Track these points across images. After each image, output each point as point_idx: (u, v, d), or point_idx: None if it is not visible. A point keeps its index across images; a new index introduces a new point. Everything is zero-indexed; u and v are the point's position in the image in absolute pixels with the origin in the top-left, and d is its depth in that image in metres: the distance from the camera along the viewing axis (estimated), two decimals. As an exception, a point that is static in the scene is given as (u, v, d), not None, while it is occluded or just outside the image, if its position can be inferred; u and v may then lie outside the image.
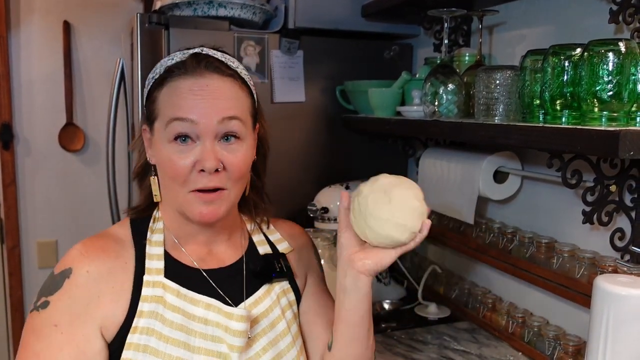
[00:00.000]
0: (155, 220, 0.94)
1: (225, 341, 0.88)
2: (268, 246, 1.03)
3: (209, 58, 0.89)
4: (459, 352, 1.42)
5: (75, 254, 0.87)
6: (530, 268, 1.36)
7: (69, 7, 2.43)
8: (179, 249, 0.94)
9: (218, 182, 0.86)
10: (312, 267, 1.09)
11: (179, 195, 0.88)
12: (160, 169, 0.90)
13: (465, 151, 1.53)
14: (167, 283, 0.88)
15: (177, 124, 0.85)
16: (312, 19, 1.76)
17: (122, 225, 0.95)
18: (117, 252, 0.89)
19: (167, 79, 0.88)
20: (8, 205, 2.41)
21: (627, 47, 0.88)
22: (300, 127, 1.84)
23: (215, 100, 0.86)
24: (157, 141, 0.89)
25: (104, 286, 0.85)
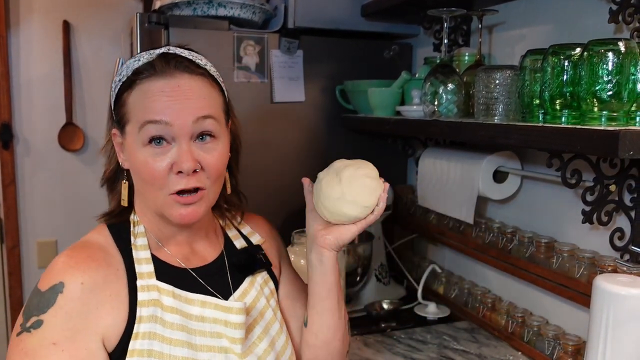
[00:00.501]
0: (135, 224, 0.93)
1: (225, 335, 0.89)
2: (242, 240, 1.05)
3: (178, 57, 0.88)
4: (458, 351, 1.42)
5: (63, 267, 0.83)
6: (529, 268, 1.36)
7: (69, 6, 2.43)
8: (162, 250, 0.93)
9: (196, 182, 0.86)
10: (283, 254, 1.13)
11: (157, 198, 0.87)
12: (135, 173, 0.89)
13: (464, 151, 1.53)
14: (160, 285, 0.88)
15: (150, 127, 0.83)
16: (311, 19, 1.76)
17: (100, 233, 0.92)
18: (107, 260, 0.87)
19: (137, 82, 0.86)
20: (8, 205, 2.41)
21: (626, 47, 0.88)
22: (299, 127, 1.84)
23: (188, 100, 0.85)
24: (130, 145, 0.87)
25: (101, 296, 0.83)
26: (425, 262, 1.84)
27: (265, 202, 1.80)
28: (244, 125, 1.04)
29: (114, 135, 0.92)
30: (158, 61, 0.87)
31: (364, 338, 1.49)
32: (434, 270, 1.74)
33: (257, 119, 1.76)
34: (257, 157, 1.77)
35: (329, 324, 1.00)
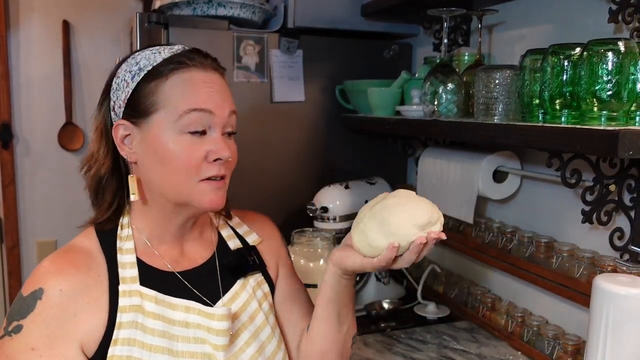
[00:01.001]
0: (123, 227, 0.92)
1: (208, 341, 0.88)
2: (237, 240, 1.03)
3: (209, 55, 0.92)
4: (458, 351, 1.42)
5: (44, 272, 0.84)
6: (529, 267, 1.36)
7: (69, 6, 2.43)
8: (151, 253, 0.92)
9: (225, 170, 0.89)
10: (282, 255, 1.10)
11: (185, 186, 0.86)
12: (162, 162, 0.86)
13: (464, 151, 1.53)
14: (143, 291, 0.87)
15: (194, 115, 0.85)
16: (311, 19, 1.76)
17: (87, 236, 0.92)
18: (88, 265, 0.86)
19: (174, 70, 0.86)
20: (7, 205, 2.41)
21: (626, 47, 0.88)
22: (299, 126, 1.84)
23: (223, 92, 0.90)
24: (157, 134, 0.86)
25: (80, 302, 0.83)
26: (424, 261, 1.84)
27: (265, 202, 1.80)
28: (243, 125, 1.04)
29: (116, 127, 0.89)
30: (195, 55, 0.90)
31: (364, 338, 1.49)
32: (433, 270, 1.74)
33: (256, 118, 1.76)
34: (257, 157, 1.77)
35: (326, 334, 0.98)
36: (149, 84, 0.87)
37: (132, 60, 0.91)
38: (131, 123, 0.88)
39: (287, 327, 1.05)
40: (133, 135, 0.88)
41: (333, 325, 0.98)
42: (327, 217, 1.66)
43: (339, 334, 0.99)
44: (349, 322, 1.00)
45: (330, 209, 1.65)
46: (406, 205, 0.87)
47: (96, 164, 0.95)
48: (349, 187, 1.71)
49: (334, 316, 0.97)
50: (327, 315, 0.97)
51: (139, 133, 0.88)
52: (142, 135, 0.87)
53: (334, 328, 0.98)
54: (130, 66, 0.90)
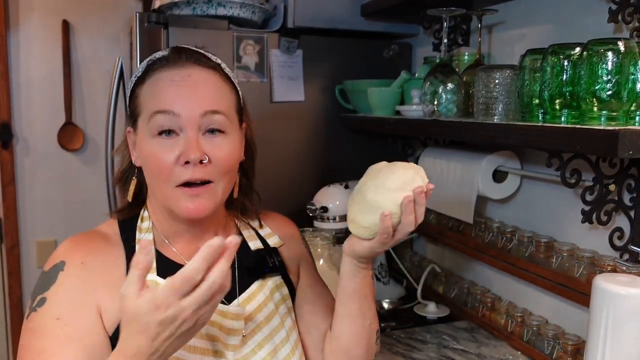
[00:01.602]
0: (143, 220, 0.93)
1: (220, 339, 0.87)
2: (259, 241, 1.02)
3: (190, 50, 0.90)
4: (458, 351, 1.42)
5: (65, 248, 0.86)
6: (529, 267, 1.36)
7: (68, 6, 2.43)
8: (168, 247, 0.92)
9: (203, 174, 0.84)
10: (304, 258, 1.09)
11: (164, 192, 0.85)
12: (145, 166, 0.88)
13: (464, 150, 1.53)
14: (159, 281, 0.86)
15: (159, 117, 0.83)
16: (311, 18, 1.76)
17: (109, 225, 0.93)
18: (107, 248, 0.88)
19: (149, 73, 0.87)
20: (7, 205, 2.41)
21: (626, 47, 0.88)
22: (299, 126, 1.84)
23: (197, 91, 0.85)
24: (141, 139, 0.87)
25: (99, 279, 0.84)
26: (424, 261, 1.84)
27: (265, 202, 1.79)
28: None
29: (128, 134, 0.92)
30: (171, 53, 0.88)
31: (364, 338, 1.49)
32: (433, 269, 1.74)
33: (256, 118, 1.74)
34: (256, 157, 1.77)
35: (350, 330, 0.97)
36: (135, 89, 0.89)
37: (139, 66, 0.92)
38: (133, 130, 0.90)
39: (310, 330, 1.03)
40: (135, 141, 0.90)
41: (356, 320, 0.96)
42: (326, 217, 1.66)
43: (363, 328, 0.97)
44: (371, 316, 0.99)
45: (330, 209, 1.65)
46: (377, 177, 0.88)
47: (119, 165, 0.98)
48: (348, 187, 1.71)
49: (356, 310, 0.95)
50: (348, 311, 0.96)
51: (135, 138, 0.90)
52: (137, 139, 0.89)
53: (357, 323, 0.96)
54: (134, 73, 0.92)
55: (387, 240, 0.87)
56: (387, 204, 0.85)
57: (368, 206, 0.86)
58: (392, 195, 0.85)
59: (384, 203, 0.85)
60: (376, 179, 0.88)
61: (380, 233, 0.86)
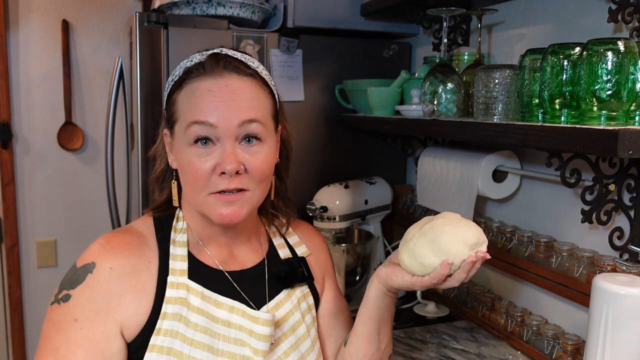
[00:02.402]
0: (179, 220, 0.93)
1: (249, 344, 0.87)
2: (287, 249, 1.03)
3: (228, 58, 0.88)
4: (458, 351, 1.42)
5: (99, 249, 0.85)
6: (529, 267, 1.36)
7: (68, 6, 2.43)
8: (202, 250, 0.93)
9: (239, 183, 0.85)
10: (328, 270, 1.10)
11: (199, 198, 0.86)
12: (181, 172, 0.89)
13: (464, 150, 1.53)
14: (190, 285, 0.87)
15: (195, 128, 0.83)
16: (311, 18, 1.76)
17: (145, 223, 0.93)
18: (141, 250, 0.88)
19: (186, 80, 0.87)
20: (7, 205, 2.41)
21: (626, 47, 0.88)
22: (299, 126, 1.84)
23: (234, 102, 0.84)
24: (177, 145, 0.88)
25: (127, 284, 0.84)
26: (424, 261, 1.84)
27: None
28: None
29: (165, 135, 0.92)
30: (208, 61, 0.87)
31: (364, 337, 1.49)
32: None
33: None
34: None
35: (365, 351, 0.99)
36: (172, 94, 0.89)
37: (177, 67, 0.91)
38: (169, 133, 0.91)
39: (328, 342, 1.05)
40: (172, 143, 0.91)
41: (373, 343, 0.98)
42: (326, 217, 1.66)
43: (378, 352, 0.99)
44: (387, 341, 1.01)
45: (329, 209, 1.65)
46: (457, 226, 0.88)
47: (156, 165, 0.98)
48: (348, 186, 1.71)
49: (374, 333, 0.97)
50: (367, 333, 0.98)
51: (173, 142, 0.90)
52: (174, 144, 0.90)
53: (373, 345, 0.98)
54: (172, 73, 0.91)
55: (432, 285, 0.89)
56: (454, 255, 0.86)
57: (438, 248, 0.87)
58: (463, 249, 0.86)
59: (455, 253, 0.86)
60: (457, 227, 0.88)
61: (432, 277, 0.87)
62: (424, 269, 0.88)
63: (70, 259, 2.53)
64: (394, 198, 1.88)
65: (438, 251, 0.86)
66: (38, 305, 2.50)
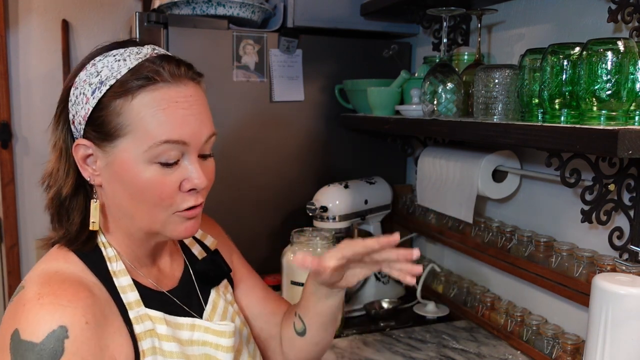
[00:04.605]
0: (106, 247, 0.82)
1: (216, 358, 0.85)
2: (198, 245, 1.00)
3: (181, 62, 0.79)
4: (457, 350, 1.42)
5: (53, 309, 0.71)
6: (529, 267, 1.36)
7: (68, 5, 2.43)
8: (137, 274, 0.85)
9: (201, 198, 0.81)
10: (234, 251, 1.09)
11: (159, 218, 0.79)
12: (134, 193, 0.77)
13: (464, 150, 1.53)
14: (151, 314, 0.81)
15: (167, 147, 0.75)
16: (311, 18, 1.76)
17: (69, 261, 0.80)
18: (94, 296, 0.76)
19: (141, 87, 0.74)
20: (7, 204, 2.41)
21: (625, 46, 0.88)
22: (299, 126, 1.84)
23: (200, 114, 0.78)
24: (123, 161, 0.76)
25: (107, 332, 0.75)
26: (424, 261, 1.84)
27: (264, 201, 1.80)
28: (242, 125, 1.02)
29: (77, 147, 0.80)
30: (166, 63, 0.76)
31: (363, 337, 1.49)
32: (433, 269, 1.74)
33: (256, 118, 1.76)
34: (256, 157, 1.77)
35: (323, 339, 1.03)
36: (112, 101, 0.75)
37: (91, 69, 0.77)
38: (94, 144, 0.78)
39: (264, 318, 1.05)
40: (96, 156, 0.79)
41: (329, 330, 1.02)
42: (326, 217, 1.66)
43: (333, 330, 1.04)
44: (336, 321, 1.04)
45: (329, 209, 1.65)
46: None
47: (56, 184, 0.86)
48: (348, 186, 1.71)
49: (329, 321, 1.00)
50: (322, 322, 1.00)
51: (103, 156, 0.78)
52: (107, 159, 0.78)
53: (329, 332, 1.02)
54: (89, 76, 0.77)
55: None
56: None
57: None
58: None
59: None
60: None
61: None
62: None
63: (70, 259, 2.53)
64: (394, 198, 1.88)
65: None
66: (38, 305, 2.50)
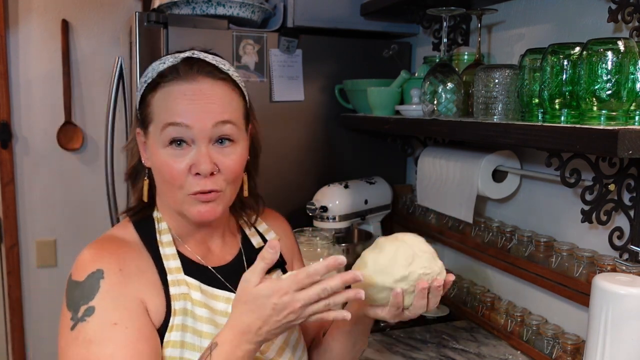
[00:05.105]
0: (159, 221, 0.95)
1: None
2: (259, 237, 1.07)
3: (201, 62, 0.91)
4: (457, 350, 1.42)
5: (96, 256, 0.85)
6: (529, 267, 1.36)
7: (68, 5, 2.43)
8: (183, 247, 0.95)
9: (213, 184, 0.88)
10: (296, 253, 1.15)
11: (176, 197, 0.89)
12: (156, 172, 0.92)
13: (464, 150, 1.53)
14: (188, 280, 0.90)
15: (171, 129, 0.86)
16: (311, 18, 1.76)
17: (125, 229, 0.94)
18: (134, 254, 0.89)
19: (161, 84, 0.89)
20: (7, 204, 2.41)
21: (625, 46, 0.88)
22: (299, 126, 1.84)
23: (208, 104, 0.87)
24: (152, 145, 0.90)
25: (139, 284, 0.86)
26: (424, 261, 1.84)
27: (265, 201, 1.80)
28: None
29: (138, 134, 0.95)
30: (182, 65, 0.89)
31: (363, 337, 1.49)
32: (433, 269, 1.74)
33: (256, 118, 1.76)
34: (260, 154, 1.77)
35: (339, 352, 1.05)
36: (146, 96, 0.91)
37: (148, 68, 0.94)
38: (143, 132, 0.93)
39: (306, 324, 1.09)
40: (146, 142, 0.93)
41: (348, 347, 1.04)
42: (326, 217, 1.66)
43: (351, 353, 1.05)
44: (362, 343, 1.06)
45: (329, 209, 1.65)
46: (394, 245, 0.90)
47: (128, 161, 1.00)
48: (348, 186, 1.71)
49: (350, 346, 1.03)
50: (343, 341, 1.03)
51: (147, 141, 0.92)
52: (148, 143, 0.92)
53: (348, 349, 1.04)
54: (144, 74, 0.94)
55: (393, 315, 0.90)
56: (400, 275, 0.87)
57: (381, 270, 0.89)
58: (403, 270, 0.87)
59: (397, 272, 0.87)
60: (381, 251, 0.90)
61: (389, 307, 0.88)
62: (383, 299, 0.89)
63: (70, 259, 2.52)
64: (394, 198, 1.88)
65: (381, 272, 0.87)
66: (38, 305, 2.50)
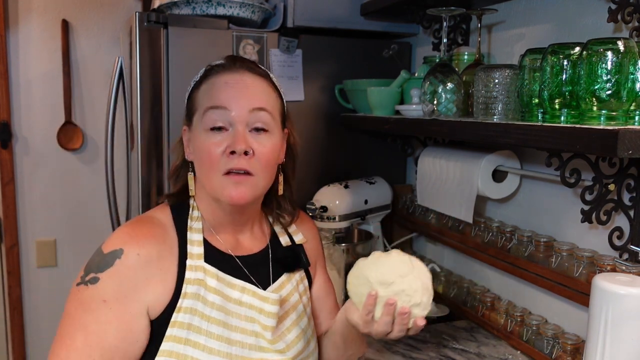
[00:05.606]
0: (194, 209, 1.01)
1: (258, 321, 0.97)
2: (287, 237, 1.13)
3: (244, 59, 1.02)
4: (457, 350, 1.42)
5: (125, 236, 0.92)
6: (529, 267, 1.36)
7: (68, 5, 2.43)
8: (213, 236, 1.01)
9: (246, 164, 0.93)
10: (320, 257, 1.20)
11: (212, 180, 0.95)
12: (197, 160, 0.98)
13: (464, 150, 1.53)
14: (207, 267, 0.95)
15: (211, 112, 0.94)
16: (311, 18, 1.76)
17: (163, 211, 1.01)
18: (164, 237, 0.95)
19: (206, 77, 0.99)
20: (7, 204, 2.41)
21: (625, 46, 0.88)
22: (298, 126, 1.80)
23: (247, 89, 0.96)
24: (195, 134, 0.97)
25: (153, 269, 0.91)
26: (424, 261, 1.84)
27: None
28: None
29: (184, 132, 1.03)
30: (226, 60, 1.00)
31: (363, 337, 1.49)
32: (433, 269, 1.74)
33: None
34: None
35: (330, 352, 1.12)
36: (193, 92, 1.01)
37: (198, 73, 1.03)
38: (188, 128, 1.01)
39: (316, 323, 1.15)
40: (190, 137, 1.00)
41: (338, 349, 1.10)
42: (326, 217, 1.66)
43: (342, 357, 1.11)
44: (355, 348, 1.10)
45: (329, 209, 1.65)
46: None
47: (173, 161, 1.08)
48: (348, 186, 1.71)
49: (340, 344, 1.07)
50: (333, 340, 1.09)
51: (191, 135, 1.00)
52: (191, 136, 1.00)
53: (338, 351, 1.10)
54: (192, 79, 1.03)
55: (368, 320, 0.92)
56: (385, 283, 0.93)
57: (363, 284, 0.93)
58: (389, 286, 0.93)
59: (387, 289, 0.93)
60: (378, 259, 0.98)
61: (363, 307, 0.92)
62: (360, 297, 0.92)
63: (70, 259, 2.53)
64: (394, 198, 1.88)
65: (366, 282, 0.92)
66: (38, 305, 2.50)
